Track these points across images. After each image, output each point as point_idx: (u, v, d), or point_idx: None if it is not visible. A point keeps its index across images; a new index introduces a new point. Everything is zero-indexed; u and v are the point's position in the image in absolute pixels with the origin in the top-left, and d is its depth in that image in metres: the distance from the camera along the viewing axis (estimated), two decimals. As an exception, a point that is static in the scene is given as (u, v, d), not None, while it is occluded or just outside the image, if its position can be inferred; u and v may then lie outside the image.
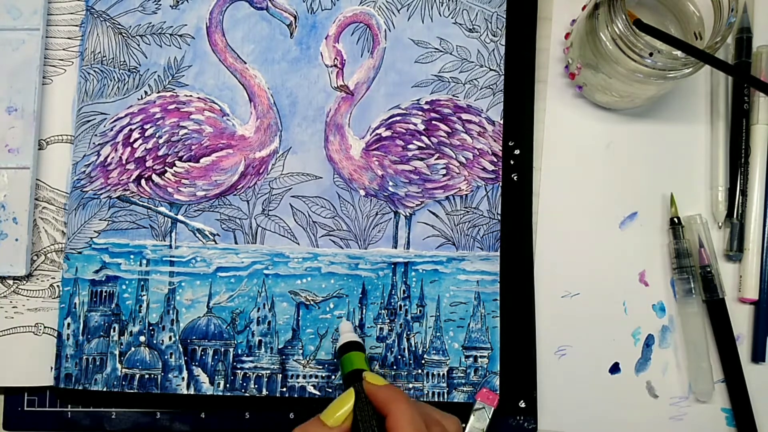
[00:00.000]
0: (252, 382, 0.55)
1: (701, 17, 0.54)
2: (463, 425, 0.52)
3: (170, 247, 0.57)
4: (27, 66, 0.58)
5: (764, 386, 0.56)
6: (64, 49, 0.59)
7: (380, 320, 0.56)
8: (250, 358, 0.56)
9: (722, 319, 0.56)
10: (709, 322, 0.56)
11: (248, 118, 0.58)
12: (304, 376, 0.55)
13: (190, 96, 0.58)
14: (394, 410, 0.42)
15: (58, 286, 0.57)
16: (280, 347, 0.56)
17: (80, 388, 0.55)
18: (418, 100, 0.58)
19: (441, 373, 0.56)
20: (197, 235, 0.57)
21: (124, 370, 0.55)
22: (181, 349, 0.56)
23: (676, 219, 0.57)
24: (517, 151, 0.58)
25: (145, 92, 0.58)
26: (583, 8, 0.56)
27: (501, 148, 0.57)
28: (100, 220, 0.57)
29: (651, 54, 0.50)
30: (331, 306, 0.56)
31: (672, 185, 0.58)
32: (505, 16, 0.58)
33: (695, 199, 0.58)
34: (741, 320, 0.57)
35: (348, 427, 0.43)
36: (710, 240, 0.57)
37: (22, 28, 0.58)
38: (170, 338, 0.56)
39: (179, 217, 0.57)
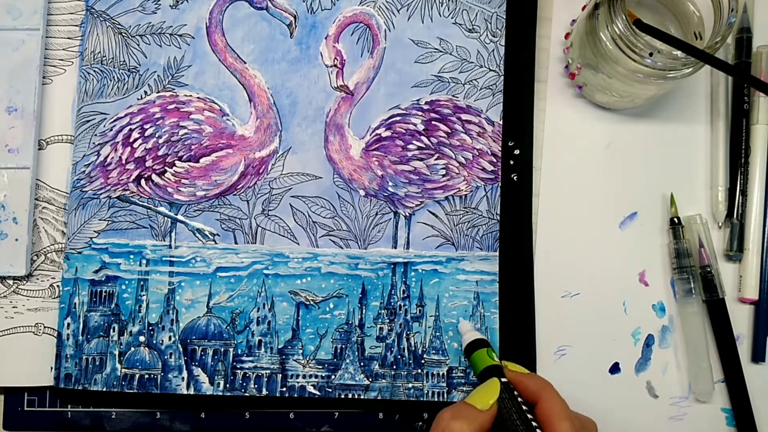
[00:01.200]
0: (252, 381, 0.55)
1: (701, 17, 0.54)
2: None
3: (170, 247, 0.57)
4: (27, 66, 0.58)
5: (764, 386, 0.56)
6: (64, 49, 0.59)
7: (380, 320, 0.56)
8: (250, 358, 0.56)
9: (722, 319, 0.56)
10: (709, 322, 0.56)
11: (248, 118, 0.58)
12: (304, 376, 0.56)
13: (190, 96, 0.58)
14: (547, 397, 0.44)
15: (58, 286, 0.57)
16: (279, 347, 0.56)
17: (80, 388, 0.55)
18: (417, 100, 0.58)
19: (441, 373, 0.56)
20: (197, 235, 0.57)
21: (123, 370, 0.55)
22: (181, 349, 0.56)
23: (676, 219, 0.57)
24: (516, 151, 0.58)
25: (145, 92, 0.58)
26: (583, 8, 0.56)
27: (500, 149, 0.57)
28: (99, 220, 0.57)
29: (651, 54, 0.50)
30: (331, 306, 0.56)
31: (672, 185, 0.58)
32: (504, 17, 0.58)
33: (695, 199, 0.58)
34: (741, 320, 0.57)
35: (495, 413, 0.44)
36: (710, 240, 0.57)
37: (22, 28, 0.58)
38: (170, 338, 0.56)
39: (179, 217, 0.57)
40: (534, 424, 0.43)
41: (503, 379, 0.45)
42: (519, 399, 0.44)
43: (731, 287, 0.57)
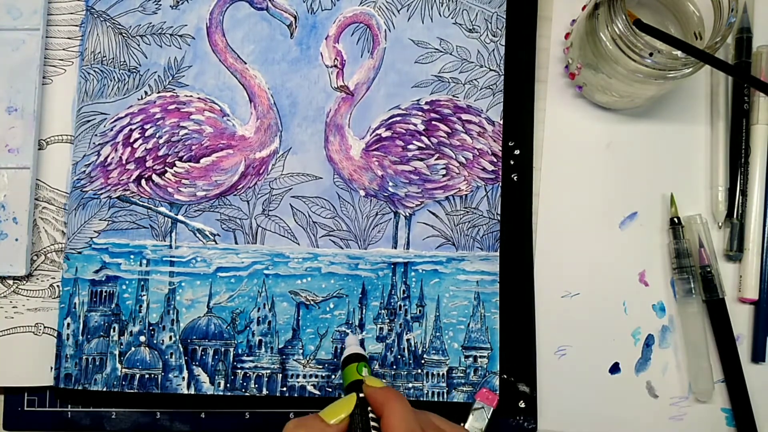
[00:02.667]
0: (252, 381, 0.55)
1: (701, 17, 0.54)
2: (462, 423, 0.52)
3: (170, 247, 0.57)
4: (27, 66, 0.58)
5: (764, 386, 0.56)
6: (64, 49, 0.59)
7: (380, 320, 0.56)
8: (251, 358, 0.56)
9: (722, 319, 0.56)
10: (709, 322, 0.56)
11: (248, 118, 0.58)
12: (304, 376, 0.56)
13: (190, 96, 0.58)
14: (388, 409, 0.43)
15: (58, 286, 0.57)
16: (280, 347, 0.56)
17: (80, 388, 0.55)
18: (418, 100, 0.58)
19: (440, 373, 0.56)
20: (197, 235, 0.57)
21: (124, 370, 0.55)
22: (182, 349, 0.56)
23: (676, 219, 0.57)
24: (517, 151, 0.58)
25: (145, 92, 0.58)
26: (583, 8, 0.56)
27: (501, 149, 0.57)
28: (100, 220, 0.57)
29: (651, 54, 0.50)
30: (331, 306, 0.56)
31: (672, 185, 0.58)
32: (504, 16, 0.58)
33: (695, 199, 0.58)
34: (741, 320, 0.57)
35: (345, 428, 0.44)
36: (710, 240, 0.57)
37: (22, 28, 0.58)
38: (170, 338, 0.56)
39: (179, 217, 0.57)
40: None
41: (361, 395, 0.45)
42: (371, 415, 0.44)
43: (731, 287, 0.57)
